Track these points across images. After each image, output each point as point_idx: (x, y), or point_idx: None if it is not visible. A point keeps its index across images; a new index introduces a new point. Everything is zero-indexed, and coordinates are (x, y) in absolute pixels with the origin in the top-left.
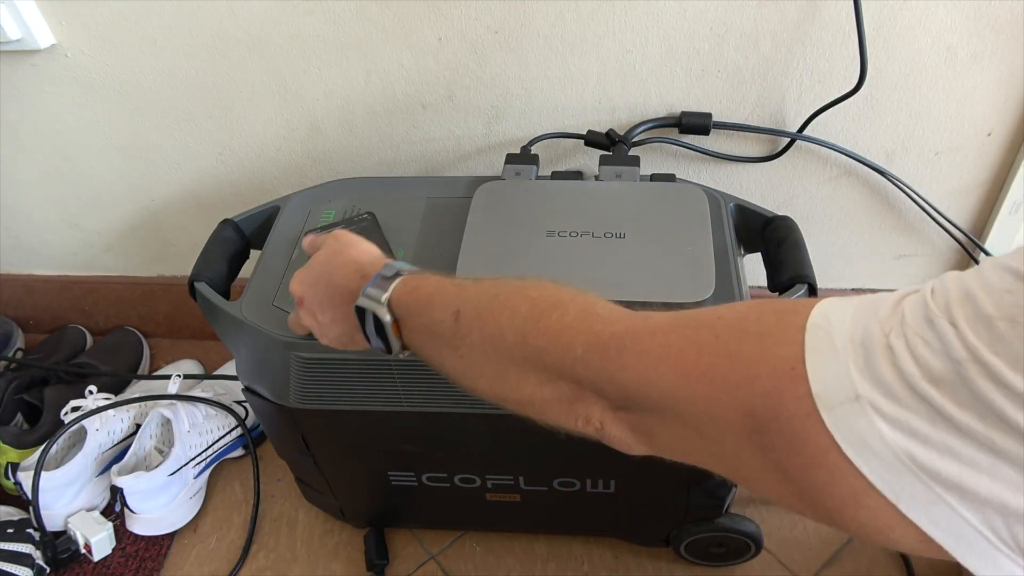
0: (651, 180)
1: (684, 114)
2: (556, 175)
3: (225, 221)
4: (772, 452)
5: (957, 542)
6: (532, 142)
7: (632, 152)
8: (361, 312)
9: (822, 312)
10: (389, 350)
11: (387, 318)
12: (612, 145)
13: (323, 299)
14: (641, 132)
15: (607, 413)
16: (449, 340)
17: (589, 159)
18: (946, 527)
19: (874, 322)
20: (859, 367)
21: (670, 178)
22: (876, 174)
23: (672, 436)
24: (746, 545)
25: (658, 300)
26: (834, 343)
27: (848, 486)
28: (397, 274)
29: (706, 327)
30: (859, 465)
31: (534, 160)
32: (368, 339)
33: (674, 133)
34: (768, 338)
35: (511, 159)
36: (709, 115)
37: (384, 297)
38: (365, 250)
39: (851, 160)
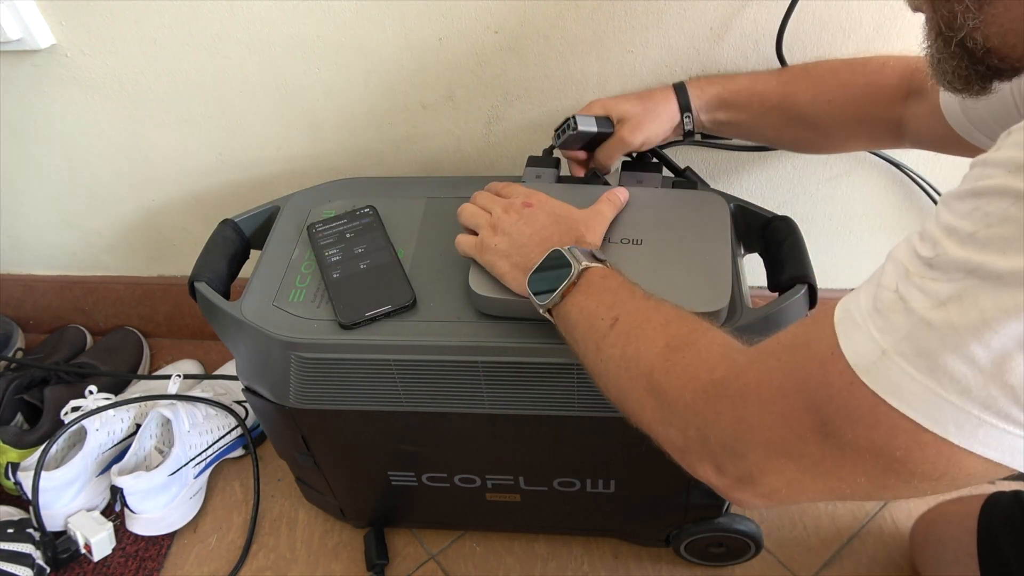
0: (672, 187)
1: None
2: (577, 180)
3: (225, 221)
4: (841, 435)
5: (1012, 456)
6: (553, 146)
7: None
8: (555, 257)
9: (842, 306)
10: (543, 295)
11: (573, 274)
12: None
13: (537, 230)
14: (665, 147)
15: (713, 472)
16: (597, 340)
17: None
18: (995, 444)
19: (881, 288)
20: (879, 328)
21: (691, 185)
22: (876, 174)
23: (769, 471)
24: (746, 545)
25: None
26: (856, 320)
27: (905, 434)
28: (603, 262)
29: (772, 355)
30: (904, 410)
31: (555, 163)
32: (533, 274)
33: (713, 152)
34: (812, 342)
35: (532, 162)
36: None
37: (584, 263)
38: (593, 236)
39: (854, 158)
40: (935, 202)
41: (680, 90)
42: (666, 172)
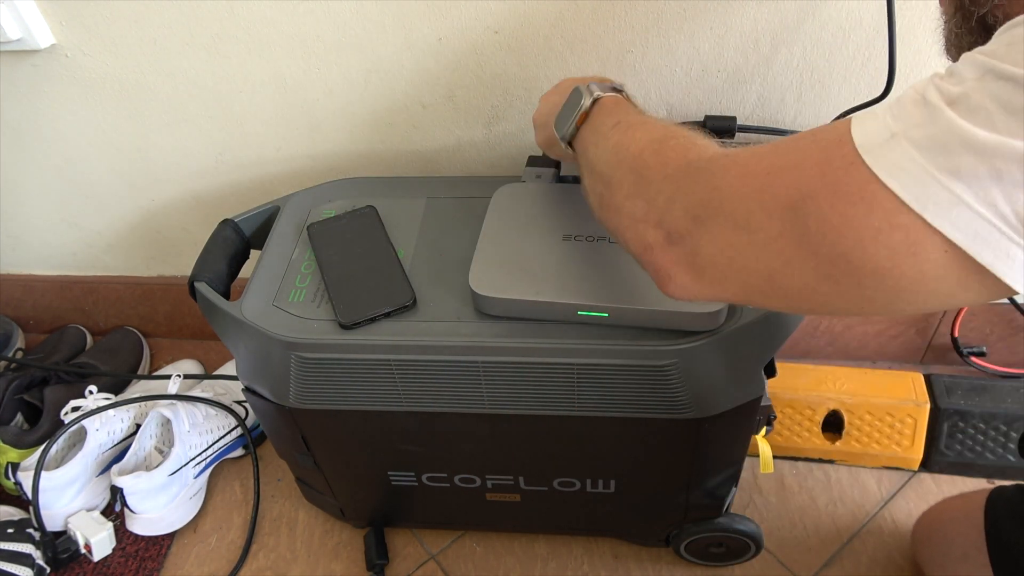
0: None
1: (708, 118)
2: (576, 179)
3: (225, 221)
4: (815, 212)
5: (974, 240)
6: None
7: None
8: (574, 94)
9: (859, 113)
10: (560, 129)
11: (587, 102)
12: None
13: (563, 89)
14: None
15: (659, 240)
16: (597, 138)
17: None
18: (964, 227)
19: (904, 94)
20: (894, 115)
21: None
22: None
23: (716, 243)
24: (746, 545)
25: (668, 309)
26: (875, 112)
27: (883, 210)
28: (619, 91)
29: (771, 146)
30: (892, 186)
31: (555, 163)
32: (559, 115)
33: None
34: (819, 133)
35: (532, 161)
36: (734, 118)
37: (598, 92)
38: (612, 80)
39: None
40: None
41: None
42: None
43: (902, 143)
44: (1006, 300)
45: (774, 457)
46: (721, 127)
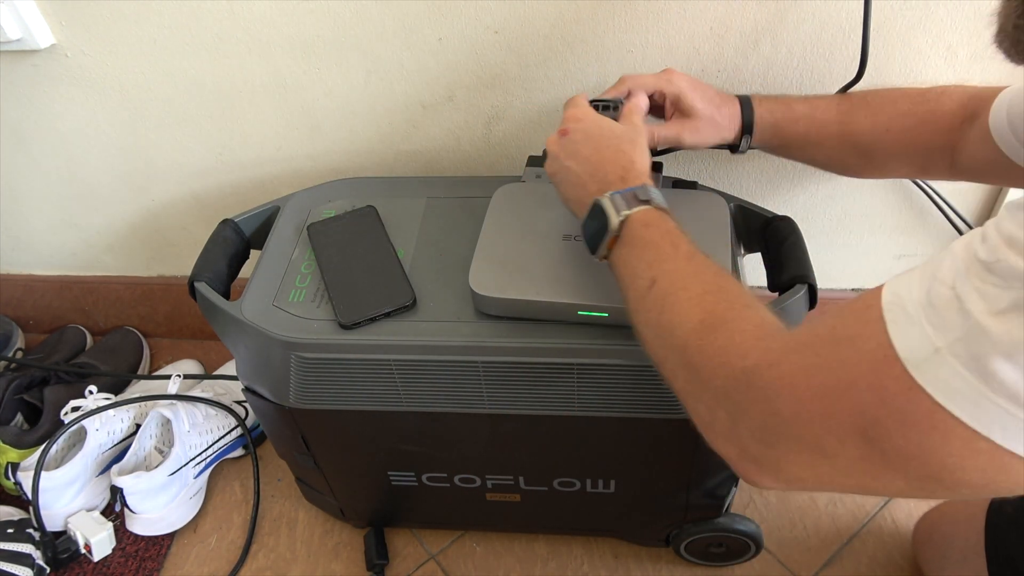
0: (673, 187)
1: None
2: None
3: (225, 221)
4: (889, 440)
5: None
6: None
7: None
8: (596, 208)
9: (891, 291)
10: (592, 249)
11: (614, 227)
12: None
13: (585, 158)
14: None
15: (735, 454)
16: (636, 300)
17: None
18: None
19: (936, 282)
20: (932, 323)
21: (692, 185)
22: None
23: (797, 464)
24: (746, 545)
25: None
26: (908, 311)
27: (958, 438)
28: (647, 202)
29: (809, 348)
30: (955, 412)
31: None
32: (584, 224)
33: (712, 151)
34: (858, 339)
35: (533, 161)
36: None
37: (624, 213)
38: (641, 158)
39: None
40: (934, 203)
41: (746, 109)
42: (666, 172)
43: (948, 360)
44: None
45: None
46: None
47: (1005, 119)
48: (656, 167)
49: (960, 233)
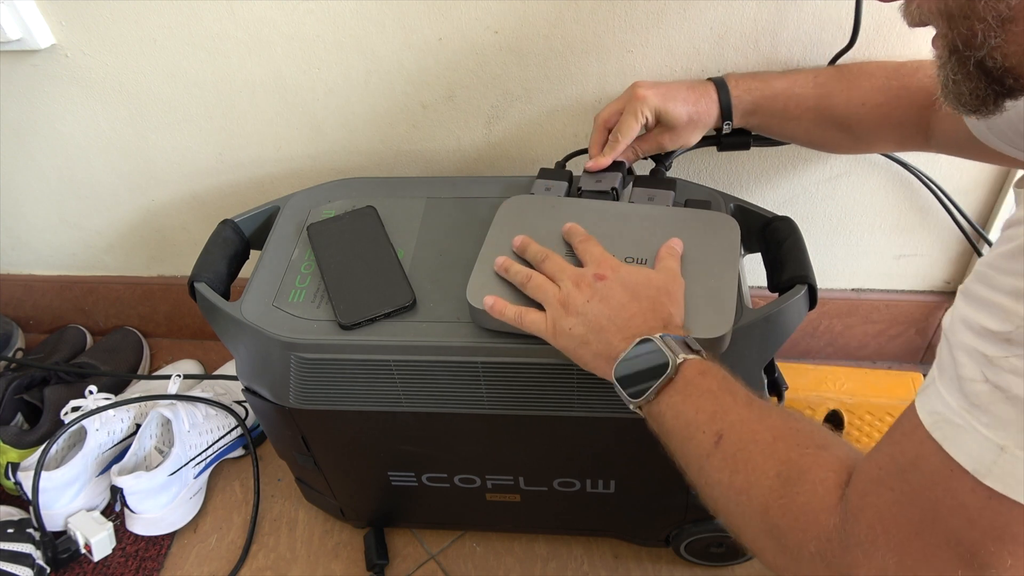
0: (685, 205)
1: (725, 138)
2: (587, 193)
3: (225, 221)
4: (991, 560)
5: None
6: (568, 157)
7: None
8: (644, 346)
9: (927, 411)
10: (634, 394)
11: (671, 370)
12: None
13: (616, 309)
14: (680, 153)
15: None
16: (700, 459)
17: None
18: None
19: (965, 382)
20: (985, 424)
21: (705, 204)
22: (876, 174)
23: None
24: None
25: None
26: (954, 422)
27: None
28: (697, 352)
29: (883, 485)
30: None
31: (566, 176)
32: (620, 365)
33: (712, 151)
34: (919, 460)
35: (544, 174)
36: (749, 134)
37: (681, 355)
38: (679, 311)
39: (854, 158)
40: (937, 197)
41: (723, 93)
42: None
43: (1018, 455)
44: None
45: None
46: (736, 142)
47: None
48: (669, 184)
49: (963, 232)
